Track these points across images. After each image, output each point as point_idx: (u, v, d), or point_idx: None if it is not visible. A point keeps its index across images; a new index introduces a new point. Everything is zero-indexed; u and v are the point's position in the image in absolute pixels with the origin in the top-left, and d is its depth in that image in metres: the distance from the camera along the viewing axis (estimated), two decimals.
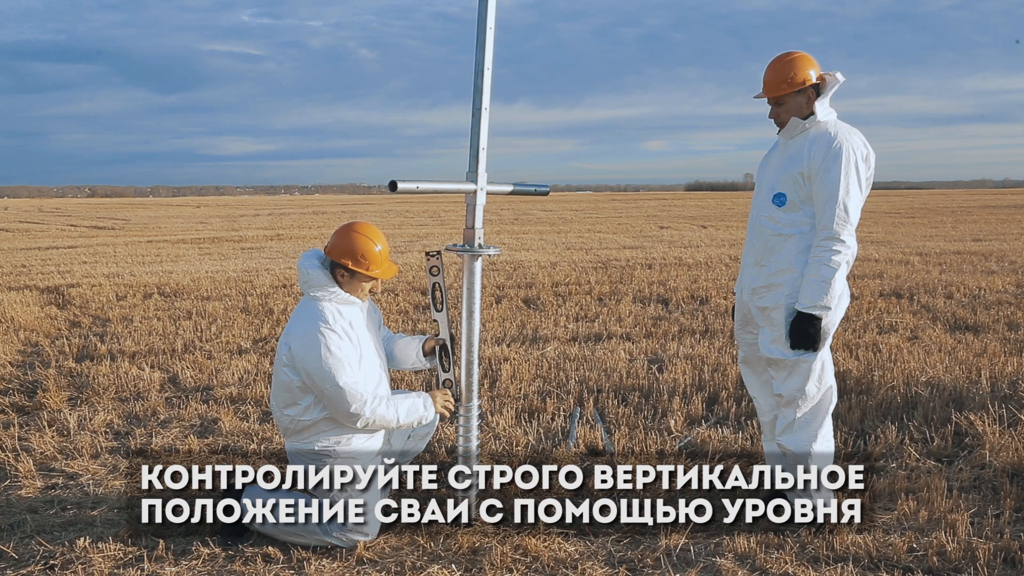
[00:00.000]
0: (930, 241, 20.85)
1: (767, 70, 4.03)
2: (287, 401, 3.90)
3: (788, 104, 3.98)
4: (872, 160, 3.93)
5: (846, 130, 3.92)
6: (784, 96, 3.97)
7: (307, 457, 3.93)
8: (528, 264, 15.23)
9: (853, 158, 3.85)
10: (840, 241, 3.82)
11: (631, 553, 3.89)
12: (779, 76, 3.98)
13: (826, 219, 3.84)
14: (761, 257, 4.05)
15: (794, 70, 3.95)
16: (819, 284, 3.83)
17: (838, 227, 3.82)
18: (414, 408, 3.96)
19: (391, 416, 3.88)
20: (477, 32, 3.98)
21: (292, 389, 3.87)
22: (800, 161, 3.90)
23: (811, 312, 3.86)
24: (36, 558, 3.90)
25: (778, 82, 3.98)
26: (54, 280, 13.70)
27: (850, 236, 3.85)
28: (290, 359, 3.83)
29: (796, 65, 3.96)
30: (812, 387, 3.99)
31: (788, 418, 4.05)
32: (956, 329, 8.78)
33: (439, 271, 4.07)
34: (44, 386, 6.78)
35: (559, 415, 5.98)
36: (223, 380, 6.97)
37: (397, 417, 3.90)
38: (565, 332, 8.85)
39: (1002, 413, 5.41)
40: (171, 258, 18.28)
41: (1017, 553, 3.76)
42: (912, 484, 4.57)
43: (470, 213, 4.07)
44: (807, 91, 3.95)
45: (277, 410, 3.97)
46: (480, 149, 4.01)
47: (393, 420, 3.89)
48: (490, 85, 3.99)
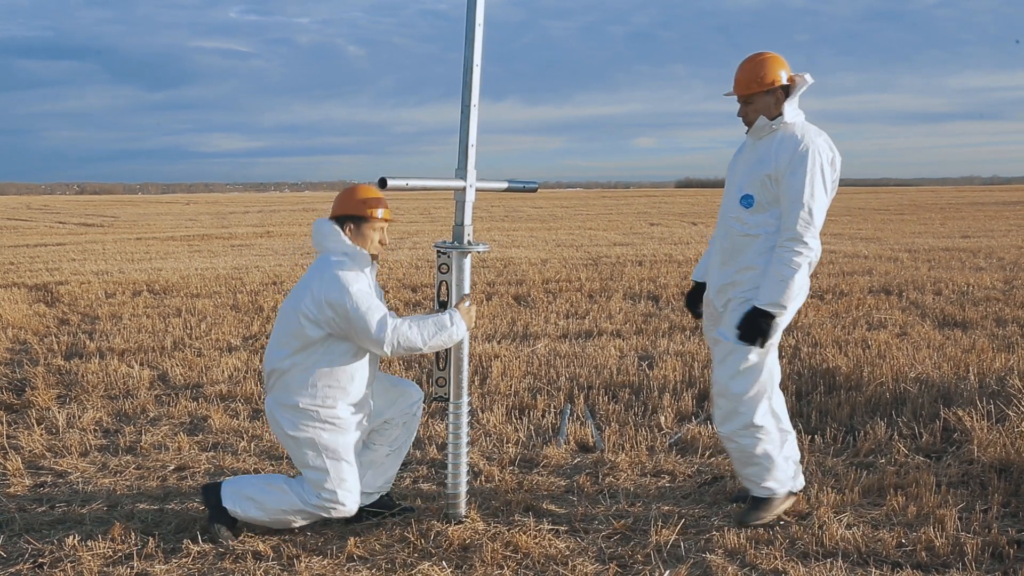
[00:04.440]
0: (919, 238, 20.95)
1: (738, 69, 4.06)
2: (294, 348, 3.88)
3: (757, 104, 4.00)
4: (838, 163, 3.96)
5: (813, 132, 3.94)
6: (753, 95, 4.00)
7: (288, 415, 3.91)
8: (519, 261, 15.23)
9: (819, 161, 3.86)
10: (803, 243, 3.84)
11: (621, 549, 3.90)
12: (749, 75, 4.00)
13: (790, 220, 3.86)
14: (728, 258, 4.08)
15: (764, 70, 3.98)
16: (778, 283, 3.86)
17: (801, 228, 3.84)
18: (440, 327, 3.91)
19: (415, 336, 3.85)
20: (466, 29, 3.99)
21: (304, 337, 3.86)
22: (768, 163, 3.93)
23: (767, 309, 3.88)
24: (25, 556, 3.89)
25: (748, 81, 4.00)
26: (43, 278, 13.63)
27: (813, 238, 3.86)
28: (314, 304, 3.82)
29: (767, 65, 3.99)
30: (738, 384, 4.03)
31: (723, 408, 4.11)
32: (945, 325, 8.82)
33: (448, 269, 4.07)
34: (33, 384, 6.75)
35: (549, 412, 5.99)
36: (213, 377, 6.95)
37: (422, 338, 3.87)
38: (555, 329, 8.86)
39: (990, 409, 5.43)
40: (160, 255, 18.21)
41: (1005, 548, 3.78)
42: (901, 480, 4.59)
43: (459, 210, 4.07)
44: (776, 92, 3.97)
45: (276, 358, 3.93)
46: (469, 146, 4.01)
47: (418, 342, 3.86)
48: (479, 82, 3.99)
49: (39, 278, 13.58)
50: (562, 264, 14.74)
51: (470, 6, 3.96)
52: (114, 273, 14.21)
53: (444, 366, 4.13)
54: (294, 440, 3.91)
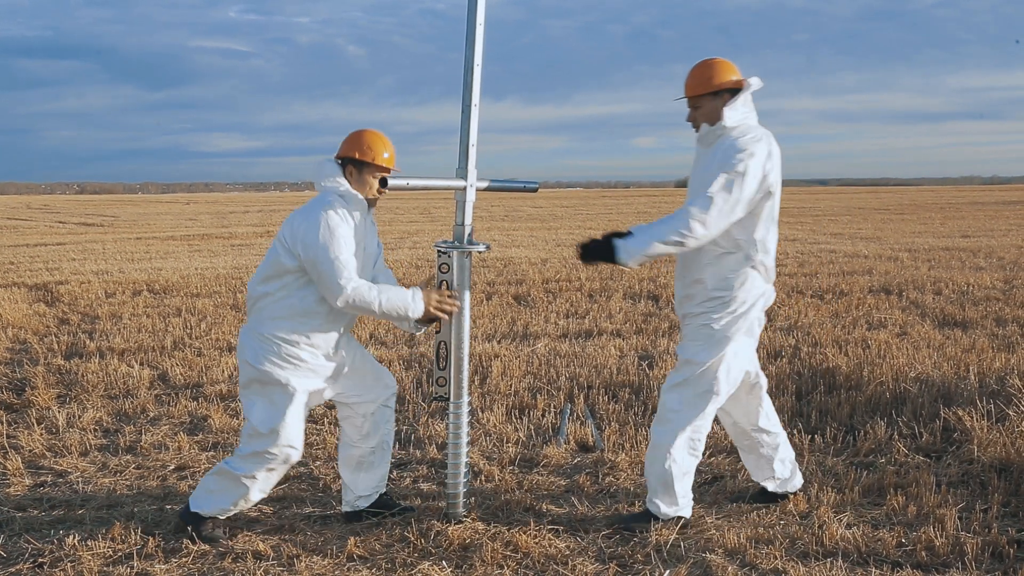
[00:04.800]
0: (919, 238, 20.94)
1: (688, 74, 4.04)
2: (268, 275, 3.93)
3: (704, 107, 3.97)
4: (771, 168, 3.84)
5: (752, 138, 3.85)
6: (700, 98, 3.98)
7: (253, 343, 3.94)
8: (519, 261, 15.23)
9: (746, 163, 3.77)
10: (688, 226, 3.78)
11: (621, 549, 3.90)
12: (696, 78, 3.99)
13: (691, 200, 3.83)
14: (683, 269, 4.08)
15: (711, 73, 3.96)
16: (644, 242, 3.85)
17: (695, 211, 3.78)
18: (400, 296, 3.92)
19: (372, 299, 3.85)
20: (467, 28, 3.98)
21: (279, 264, 3.90)
22: (712, 170, 3.88)
23: (619, 252, 3.90)
24: (25, 556, 3.88)
25: (695, 84, 4.00)
26: (43, 277, 13.63)
27: (700, 226, 3.78)
28: (290, 236, 3.86)
29: (714, 69, 3.97)
30: (672, 396, 4.02)
31: (659, 410, 4.10)
32: (945, 325, 8.82)
33: (449, 268, 4.06)
34: (33, 384, 6.75)
35: (549, 412, 5.99)
36: (213, 377, 6.95)
37: (379, 302, 3.86)
38: (555, 329, 8.86)
39: (990, 408, 5.43)
40: (160, 255, 18.21)
41: (1005, 547, 3.78)
42: (901, 479, 4.59)
43: (460, 209, 4.07)
44: (723, 95, 3.94)
45: (253, 283, 4.00)
46: (470, 145, 4.01)
47: (375, 304, 3.85)
48: (480, 81, 3.99)
49: (39, 278, 13.58)
50: (562, 264, 14.74)
51: (471, 6, 3.96)
52: (114, 273, 14.21)
53: (444, 366, 4.13)
54: (253, 370, 3.92)
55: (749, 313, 3.94)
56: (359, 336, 8.42)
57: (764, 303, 4.00)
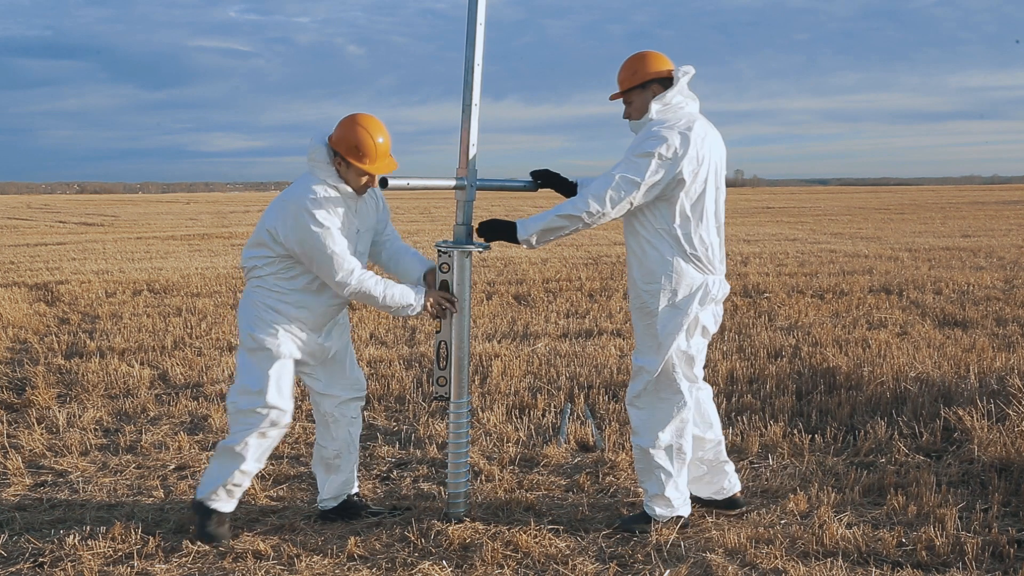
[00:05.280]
0: (919, 237, 20.94)
1: (618, 71, 4.02)
2: (258, 242, 3.95)
3: (636, 102, 3.96)
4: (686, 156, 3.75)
5: (668, 126, 3.79)
6: (630, 93, 3.96)
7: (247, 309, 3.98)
8: (519, 260, 15.23)
9: (651, 144, 3.74)
10: (586, 201, 3.79)
11: (621, 549, 3.89)
12: (624, 72, 3.98)
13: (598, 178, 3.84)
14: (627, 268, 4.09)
15: (637, 67, 3.94)
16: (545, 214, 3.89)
17: (594, 189, 3.78)
18: (404, 294, 3.96)
19: (377, 291, 3.89)
20: (467, 28, 3.98)
21: (266, 245, 3.91)
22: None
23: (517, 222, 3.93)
24: (25, 555, 3.88)
25: (622, 79, 3.99)
26: (43, 277, 13.63)
27: (596, 201, 3.77)
28: (281, 231, 3.86)
29: (641, 62, 3.95)
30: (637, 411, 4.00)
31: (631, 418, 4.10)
32: (945, 325, 8.82)
33: (449, 268, 4.06)
34: (33, 383, 6.75)
35: (550, 411, 5.99)
36: (213, 377, 6.95)
37: (384, 295, 3.91)
38: (556, 328, 8.86)
39: (990, 408, 5.43)
40: (161, 255, 18.21)
41: (1005, 547, 3.78)
42: (901, 479, 4.59)
43: (460, 209, 4.07)
44: (652, 87, 3.91)
45: (245, 256, 4.02)
46: (470, 145, 4.01)
47: (379, 296, 3.90)
48: (480, 81, 3.99)
49: (39, 277, 13.58)
50: (562, 263, 14.74)
51: (471, 6, 3.95)
52: (114, 272, 14.21)
53: (445, 365, 4.13)
54: (245, 334, 3.96)
55: (686, 307, 3.87)
56: (359, 335, 8.42)
57: (704, 295, 3.90)
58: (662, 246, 3.86)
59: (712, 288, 3.93)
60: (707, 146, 3.84)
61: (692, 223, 3.84)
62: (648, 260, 3.89)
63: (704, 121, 3.91)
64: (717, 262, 3.95)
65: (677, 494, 4.05)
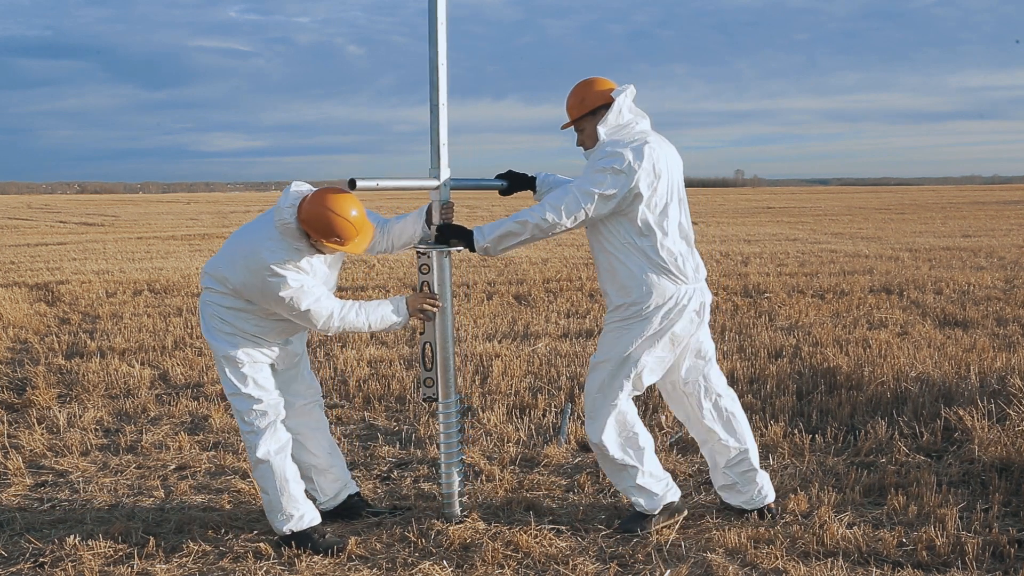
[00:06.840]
0: (919, 237, 20.94)
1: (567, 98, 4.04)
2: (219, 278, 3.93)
3: (587, 129, 3.98)
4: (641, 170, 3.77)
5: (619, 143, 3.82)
6: (580, 121, 3.99)
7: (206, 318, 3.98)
8: (519, 260, 15.23)
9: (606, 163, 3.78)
10: (541, 211, 3.82)
11: (622, 548, 3.89)
12: (572, 101, 4.00)
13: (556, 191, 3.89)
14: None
15: (583, 95, 3.96)
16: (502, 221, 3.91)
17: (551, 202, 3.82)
18: (385, 316, 3.99)
19: (360, 322, 3.92)
20: (429, 28, 3.98)
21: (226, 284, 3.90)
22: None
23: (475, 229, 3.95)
24: (26, 556, 3.89)
25: (570, 108, 4.01)
26: (43, 277, 13.64)
27: (553, 211, 3.80)
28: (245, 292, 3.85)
29: (588, 89, 3.97)
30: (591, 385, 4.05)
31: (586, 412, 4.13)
32: (945, 325, 8.82)
33: (429, 269, 4.06)
34: (33, 383, 6.75)
35: (550, 411, 5.98)
36: (213, 377, 6.94)
37: (368, 323, 3.95)
38: (556, 328, 8.86)
39: (991, 408, 5.43)
40: (161, 255, 18.22)
41: (1005, 547, 3.78)
42: (902, 479, 4.59)
43: (436, 210, 4.07)
44: (600, 113, 3.93)
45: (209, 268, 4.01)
46: (441, 145, 4.02)
47: (364, 326, 3.94)
48: (446, 81, 3.99)
49: (40, 277, 13.59)
50: (563, 263, 14.73)
51: (431, 6, 3.96)
52: (115, 272, 14.21)
53: (431, 366, 4.12)
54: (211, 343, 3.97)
55: (652, 317, 3.89)
56: (359, 335, 8.41)
57: (674, 307, 3.91)
58: (630, 261, 3.90)
59: (683, 299, 3.93)
60: (663, 160, 3.87)
61: (658, 235, 3.87)
62: (619, 276, 3.93)
63: (658, 136, 3.96)
64: (690, 271, 3.96)
65: (653, 481, 4.07)
